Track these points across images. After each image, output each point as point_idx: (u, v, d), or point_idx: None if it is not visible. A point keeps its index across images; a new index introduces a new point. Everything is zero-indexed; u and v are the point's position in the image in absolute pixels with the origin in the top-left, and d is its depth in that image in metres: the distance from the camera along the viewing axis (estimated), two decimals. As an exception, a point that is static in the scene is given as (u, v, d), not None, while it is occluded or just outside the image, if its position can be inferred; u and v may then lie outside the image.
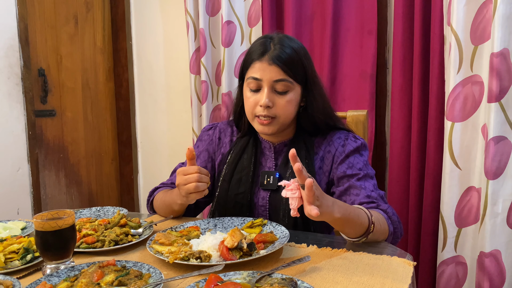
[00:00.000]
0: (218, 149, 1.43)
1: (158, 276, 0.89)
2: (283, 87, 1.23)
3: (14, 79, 2.05)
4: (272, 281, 0.84)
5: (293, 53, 1.23)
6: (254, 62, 1.24)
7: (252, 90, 1.26)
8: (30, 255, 1.04)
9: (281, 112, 1.24)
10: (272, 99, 1.23)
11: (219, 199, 1.35)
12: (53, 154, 2.37)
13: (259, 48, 1.25)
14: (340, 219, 0.99)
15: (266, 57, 1.22)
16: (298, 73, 1.24)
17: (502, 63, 1.49)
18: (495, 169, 1.51)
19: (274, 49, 1.23)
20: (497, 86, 1.49)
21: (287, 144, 1.34)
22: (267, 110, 1.23)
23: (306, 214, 0.90)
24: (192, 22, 2.29)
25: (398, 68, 1.87)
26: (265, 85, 1.23)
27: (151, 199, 1.43)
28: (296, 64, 1.23)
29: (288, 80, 1.22)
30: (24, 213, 2.10)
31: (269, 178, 1.31)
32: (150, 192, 1.46)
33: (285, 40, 1.26)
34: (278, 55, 1.21)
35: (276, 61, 1.21)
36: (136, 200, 2.83)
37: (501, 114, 1.50)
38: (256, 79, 1.24)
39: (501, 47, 1.48)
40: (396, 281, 0.88)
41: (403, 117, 1.88)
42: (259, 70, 1.23)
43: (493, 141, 1.51)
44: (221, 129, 1.46)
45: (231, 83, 2.24)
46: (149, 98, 2.71)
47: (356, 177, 1.22)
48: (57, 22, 2.36)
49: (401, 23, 1.84)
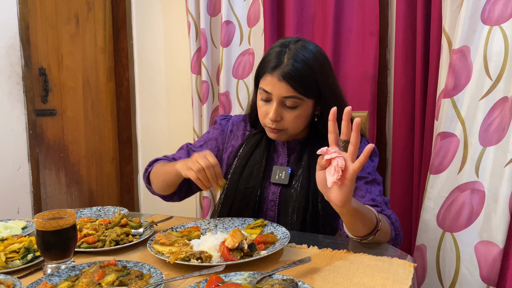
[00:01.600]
0: (229, 140, 1.44)
1: (159, 276, 0.89)
2: (292, 103, 1.23)
3: (15, 78, 2.05)
4: (273, 282, 0.84)
5: (305, 68, 1.21)
6: (266, 74, 1.24)
7: (263, 100, 1.27)
8: (31, 254, 1.04)
9: (289, 125, 1.26)
10: (281, 113, 1.24)
11: (228, 191, 1.36)
12: (53, 154, 2.37)
13: (273, 60, 1.23)
14: (354, 210, 1.00)
15: (277, 72, 1.21)
16: (309, 89, 1.22)
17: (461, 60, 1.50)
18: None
19: (286, 65, 1.21)
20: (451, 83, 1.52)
21: (301, 142, 1.35)
22: (275, 123, 1.25)
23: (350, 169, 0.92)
24: (194, 22, 2.29)
25: (400, 69, 1.87)
26: (274, 99, 1.23)
27: (149, 169, 1.42)
28: (307, 80, 1.22)
29: (297, 97, 1.22)
30: (24, 212, 2.10)
31: (281, 173, 1.31)
32: (150, 162, 1.45)
33: (300, 52, 1.23)
34: (288, 72, 1.20)
35: (286, 78, 1.20)
36: (136, 200, 2.83)
37: (451, 110, 1.52)
38: (266, 92, 1.24)
39: (460, 45, 1.50)
40: (396, 282, 0.88)
41: (405, 118, 1.88)
42: (269, 84, 1.23)
43: (440, 136, 1.56)
44: (234, 122, 1.47)
45: (229, 83, 2.23)
46: (149, 97, 2.71)
47: (364, 180, 1.23)
48: (58, 22, 2.36)
49: (402, 24, 1.84)
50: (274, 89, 1.22)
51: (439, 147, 1.55)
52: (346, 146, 0.93)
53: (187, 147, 1.46)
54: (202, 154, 1.17)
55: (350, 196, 0.95)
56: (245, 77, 2.21)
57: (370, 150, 0.89)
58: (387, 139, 2.02)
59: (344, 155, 0.93)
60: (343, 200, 0.94)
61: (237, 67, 2.24)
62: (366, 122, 1.58)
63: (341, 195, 0.94)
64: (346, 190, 0.93)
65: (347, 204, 0.96)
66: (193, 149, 1.44)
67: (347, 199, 0.94)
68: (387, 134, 2.02)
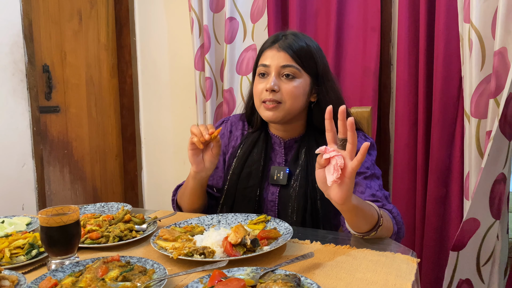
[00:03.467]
0: (229, 142, 1.44)
1: (162, 271, 0.89)
2: (290, 72, 1.25)
3: (19, 76, 2.06)
4: (275, 277, 0.84)
5: (305, 45, 1.26)
6: (265, 50, 1.29)
7: (261, 77, 1.28)
8: (35, 250, 1.04)
9: (287, 97, 1.25)
10: (278, 84, 1.25)
11: (227, 191, 1.36)
12: (57, 150, 2.38)
13: (271, 39, 1.30)
14: (355, 207, 0.99)
15: (277, 45, 1.26)
16: (307, 63, 1.25)
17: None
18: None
19: (286, 38, 1.27)
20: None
21: (298, 141, 1.35)
22: (272, 94, 1.25)
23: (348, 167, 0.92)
24: (197, 19, 2.29)
25: (402, 64, 1.86)
26: (272, 70, 1.25)
27: (175, 198, 1.44)
28: (305, 55, 1.26)
29: (295, 66, 1.24)
30: (29, 208, 2.11)
31: (279, 173, 1.31)
32: (173, 191, 1.47)
33: (299, 34, 1.30)
34: (288, 43, 1.25)
35: (285, 47, 1.25)
36: (140, 196, 2.84)
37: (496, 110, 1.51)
38: (264, 66, 1.27)
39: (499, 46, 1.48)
40: (399, 277, 0.88)
41: (408, 113, 1.88)
42: (268, 57, 1.27)
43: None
44: (232, 122, 1.47)
45: (232, 80, 2.23)
46: (153, 94, 2.72)
47: (363, 176, 1.23)
48: (61, 19, 2.37)
49: (405, 19, 1.83)
50: (273, 60, 1.25)
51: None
52: (344, 144, 0.93)
53: None
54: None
55: (350, 193, 0.95)
56: (249, 73, 2.21)
57: (367, 148, 0.89)
58: (390, 134, 2.01)
59: (343, 153, 0.93)
60: (343, 197, 0.94)
61: (240, 63, 2.24)
62: (369, 118, 1.58)
63: (341, 193, 0.94)
64: (346, 188, 0.93)
65: (348, 202, 0.96)
66: None
67: (347, 196, 0.94)
68: (390, 130, 2.01)
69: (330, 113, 0.95)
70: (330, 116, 0.95)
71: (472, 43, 1.58)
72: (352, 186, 0.94)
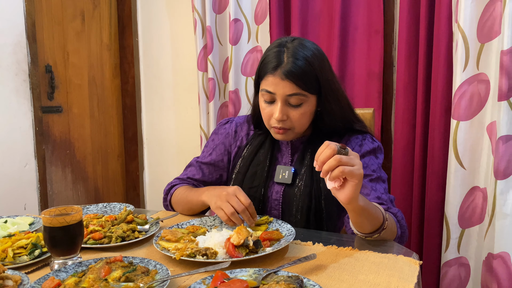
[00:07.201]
0: (234, 142, 1.44)
1: (164, 272, 0.90)
2: (297, 101, 1.22)
3: (22, 76, 2.06)
4: (278, 278, 0.84)
5: (306, 65, 1.21)
6: (267, 75, 1.23)
7: (267, 102, 1.26)
8: (38, 250, 1.04)
9: (296, 124, 1.25)
10: (286, 112, 1.23)
11: None
12: (59, 150, 2.38)
13: (272, 61, 1.22)
14: (361, 208, 1.00)
15: (279, 71, 1.20)
16: (311, 84, 1.22)
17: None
18: (504, 169, 1.50)
19: (287, 63, 1.20)
20: (506, 84, 1.48)
21: (304, 142, 1.35)
22: (281, 123, 1.24)
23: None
24: (200, 19, 2.29)
25: (403, 66, 1.86)
26: (279, 99, 1.22)
27: (169, 197, 1.44)
28: (309, 76, 1.21)
29: (301, 94, 1.21)
30: (31, 208, 2.12)
31: (284, 172, 1.32)
32: (166, 189, 1.46)
33: (299, 50, 1.22)
34: (290, 70, 1.19)
35: (289, 76, 1.19)
36: (141, 197, 2.84)
37: (510, 112, 1.49)
38: (269, 92, 1.23)
39: (511, 45, 1.47)
40: (402, 280, 0.88)
41: (407, 115, 1.88)
42: (272, 84, 1.22)
43: (502, 140, 1.50)
44: (237, 123, 1.47)
45: (238, 81, 2.24)
46: (155, 95, 2.72)
47: (369, 178, 1.23)
48: (64, 19, 2.37)
49: (406, 21, 1.83)
50: (278, 88, 1.21)
51: (502, 151, 1.50)
52: (347, 151, 0.94)
53: (196, 163, 1.47)
54: (232, 193, 1.17)
55: (356, 194, 0.96)
56: (254, 74, 2.22)
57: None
58: (392, 136, 2.02)
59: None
60: (349, 198, 0.95)
61: (245, 65, 2.24)
62: (372, 119, 1.58)
63: (348, 194, 0.95)
64: (353, 189, 0.94)
65: (354, 202, 0.97)
66: (203, 163, 1.45)
67: (353, 197, 0.95)
68: (392, 131, 2.01)
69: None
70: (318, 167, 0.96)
71: (457, 44, 1.59)
72: (359, 187, 0.95)
